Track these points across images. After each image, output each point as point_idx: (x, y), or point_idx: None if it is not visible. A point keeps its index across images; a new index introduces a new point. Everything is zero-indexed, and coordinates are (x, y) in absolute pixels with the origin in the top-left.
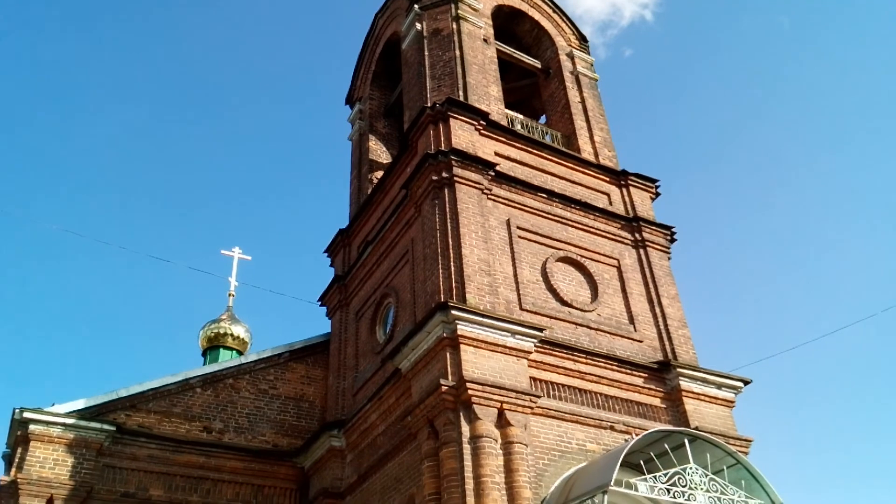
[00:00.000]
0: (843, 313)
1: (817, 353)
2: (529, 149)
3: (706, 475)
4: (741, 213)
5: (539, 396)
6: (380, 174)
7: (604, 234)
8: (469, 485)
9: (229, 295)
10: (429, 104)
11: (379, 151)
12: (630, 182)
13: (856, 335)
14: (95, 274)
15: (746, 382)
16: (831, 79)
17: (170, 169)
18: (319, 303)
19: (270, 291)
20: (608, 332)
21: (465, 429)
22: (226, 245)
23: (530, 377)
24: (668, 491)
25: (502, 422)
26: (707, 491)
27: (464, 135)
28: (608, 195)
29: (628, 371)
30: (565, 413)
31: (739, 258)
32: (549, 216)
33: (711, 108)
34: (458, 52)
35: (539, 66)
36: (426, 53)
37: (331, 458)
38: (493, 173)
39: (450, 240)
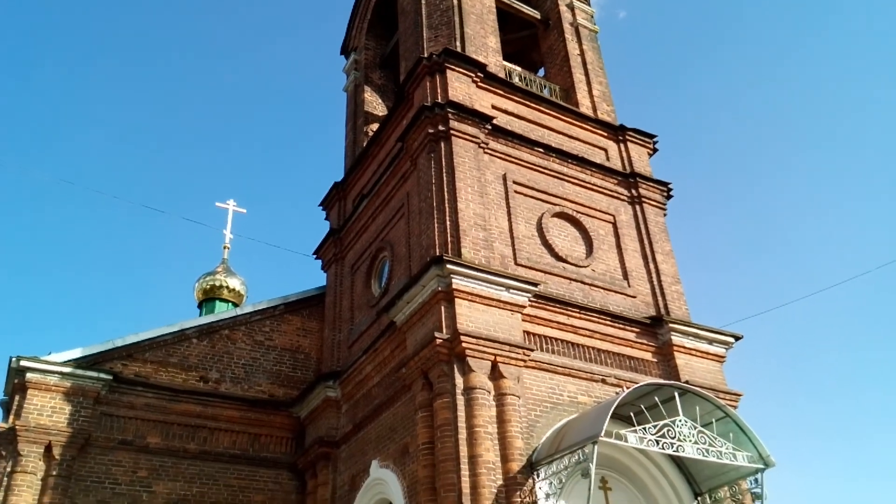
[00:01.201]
0: (836, 270)
1: (809, 310)
2: (527, 102)
3: (695, 427)
4: (736, 171)
5: (532, 350)
6: (375, 126)
7: (600, 189)
8: (462, 434)
9: (224, 248)
10: (425, 55)
11: (374, 103)
12: (628, 137)
13: (848, 292)
14: (88, 224)
15: (738, 338)
16: (836, 41)
17: (164, 120)
18: (315, 256)
19: (266, 244)
20: (602, 288)
21: (459, 381)
22: (221, 198)
23: (524, 331)
24: (657, 442)
25: (495, 374)
26: (695, 443)
27: (461, 87)
28: (605, 150)
29: (621, 326)
30: (558, 366)
31: (734, 215)
32: (546, 171)
33: (707, 72)
34: (455, 1)
35: (538, 16)
36: (423, 2)
37: (326, 408)
38: (489, 127)
39: (445, 194)
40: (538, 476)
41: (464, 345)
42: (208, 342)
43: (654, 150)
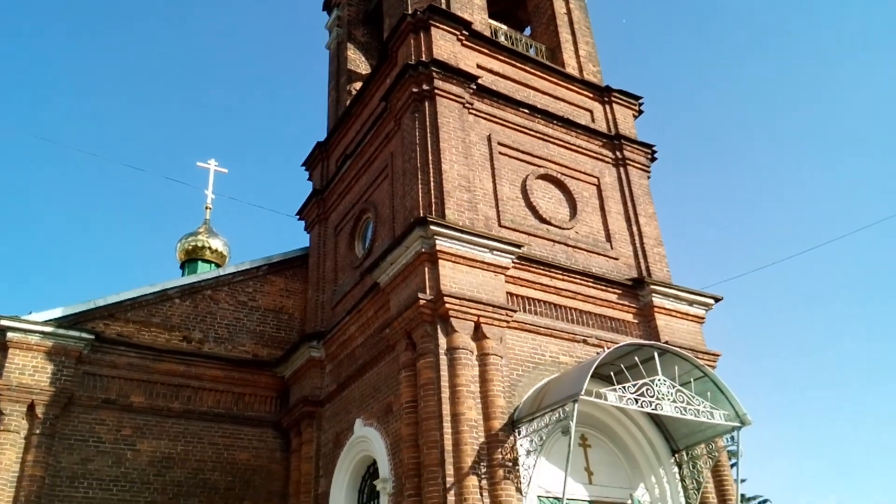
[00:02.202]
0: (814, 233)
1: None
2: (513, 62)
3: (673, 387)
4: (719, 136)
5: (515, 311)
6: (359, 85)
7: (585, 151)
8: (445, 393)
9: (206, 208)
10: (409, 11)
11: (358, 61)
12: (613, 99)
13: (826, 255)
14: (66, 182)
15: (717, 300)
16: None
17: (144, 78)
18: (298, 217)
19: (248, 204)
20: (585, 250)
21: (442, 341)
22: (202, 157)
23: (507, 292)
24: (637, 401)
25: (478, 335)
26: (674, 401)
27: (445, 45)
28: (591, 112)
29: (603, 287)
30: (540, 327)
31: (717, 179)
32: (531, 132)
33: (695, 35)
34: None
35: None
36: None
37: (310, 367)
38: (474, 86)
39: (430, 155)
40: (519, 433)
41: (447, 306)
42: (191, 302)
43: (640, 112)
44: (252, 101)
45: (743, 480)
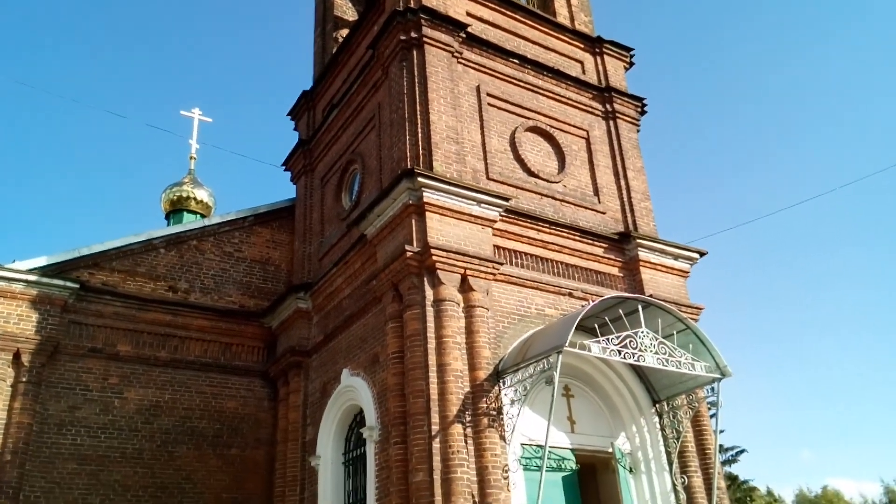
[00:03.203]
0: (799, 189)
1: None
2: (503, 10)
3: (656, 339)
4: (709, 91)
5: (502, 264)
6: (345, 32)
7: (575, 104)
8: (431, 344)
9: (191, 158)
10: None
11: (345, 7)
12: (605, 50)
13: (811, 211)
14: (47, 129)
15: (702, 254)
16: None
17: (127, 22)
18: (284, 167)
19: (232, 153)
20: (573, 204)
21: (429, 293)
22: (186, 105)
23: (494, 245)
24: (620, 352)
25: (465, 287)
26: (656, 353)
27: None
28: (581, 63)
29: (590, 241)
30: (526, 280)
31: (706, 134)
32: (521, 84)
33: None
34: None
35: None
36: None
37: (297, 318)
38: (464, 35)
39: (417, 105)
40: (504, 384)
41: (434, 258)
42: (176, 252)
43: (631, 65)
44: (236, 47)
45: (721, 431)
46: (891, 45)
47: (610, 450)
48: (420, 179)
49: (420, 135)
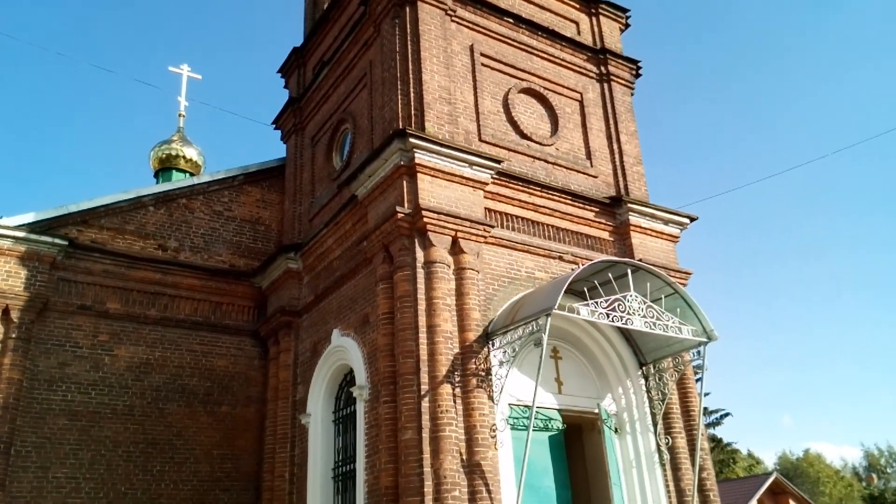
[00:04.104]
0: (791, 155)
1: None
2: None
3: (644, 302)
4: (702, 54)
5: (493, 226)
6: None
7: (569, 65)
8: (421, 306)
9: (179, 115)
10: None
11: None
12: (600, 10)
13: (803, 176)
14: (32, 83)
15: (693, 219)
16: None
17: None
18: (274, 126)
19: (222, 111)
20: (565, 167)
21: (420, 254)
22: (174, 61)
23: (485, 208)
24: (608, 315)
25: (455, 249)
26: (644, 316)
27: None
28: (577, 24)
29: (581, 205)
30: (517, 243)
31: (698, 99)
32: (515, 44)
33: None
34: None
35: None
36: None
37: (288, 278)
38: None
39: (410, 64)
40: (493, 345)
41: (425, 220)
42: (165, 211)
43: (627, 26)
44: (226, 1)
45: (707, 394)
46: (887, 14)
47: (596, 411)
48: (412, 140)
49: (412, 94)
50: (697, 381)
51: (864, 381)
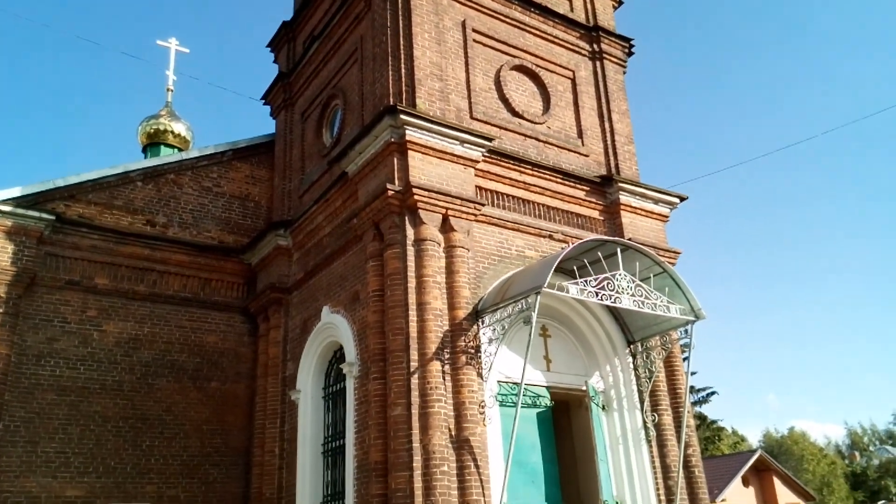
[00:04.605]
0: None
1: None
2: None
3: (633, 281)
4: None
5: (483, 205)
6: None
7: (561, 42)
8: (411, 283)
9: (167, 90)
10: None
11: None
12: None
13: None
14: (15, 55)
15: (682, 199)
16: None
17: None
18: (263, 101)
19: (211, 85)
20: (556, 145)
21: (410, 232)
22: (162, 35)
23: (476, 186)
24: (597, 294)
25: (446, 227)
26: (632, 295)
27: None
28: (569, 0)
29: (572, 184)
30: (507, 221)
31: (691, 79)
32: (507, 20)
33: None
34: None
35: None
36: None
37: (277, 255)
38: None
39: (401, 39)
40: (483, 323)
41: (416, 197)
42: (154, 186)
43: (620, 3)
44: None
45: (693, 373)
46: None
47: (584, 388)
48: (402, 117)
49: (403, 70)
50: (685, 359)
51: (848, 362)
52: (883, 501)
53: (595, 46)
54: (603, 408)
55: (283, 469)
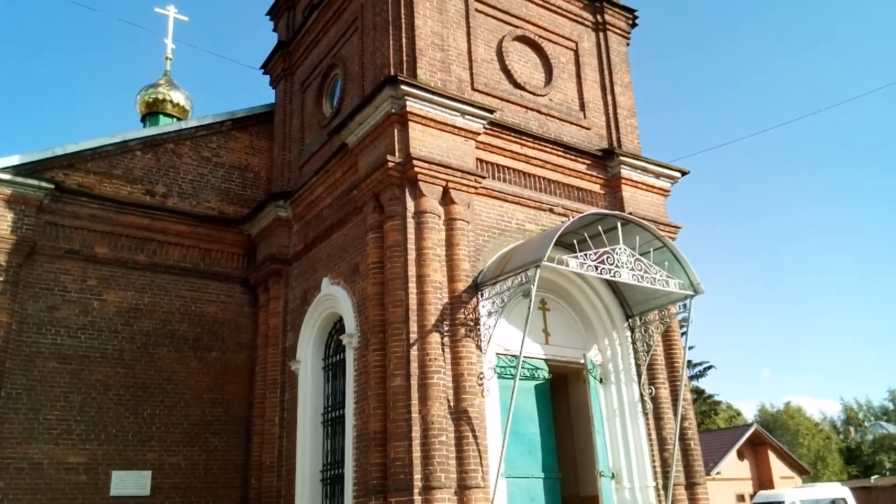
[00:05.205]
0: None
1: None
2: None
3: (633, 255)
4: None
5: (484, 177)
6: None
7: (565, 13)
8: (411, 255)
9: (166, 58)
10: None
11: None
12: None
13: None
14: (12, 22)
15: (684, 173)
16: None
17: None
18: (262, 70)
19: (210, 54)
20: (558, 118)
21: (410, 204)
22: (160, 2)
23: (477, 158)
24: (597, 268)
25: (446, 199)
26: (632, 269)
27: None
28: None
29: (573, 157)
30: (508, 194)
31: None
32: None
33: None
34: None
35: None
36: None
37: (277, 226)
38: None
39: (402, 8)
40: (482, 296)
41: (416, 169)
42: (153, 155)
43: None
44: None
45: (691, 347)
46: None
47: (582, 361)
48: (403, 87)
49: (404, 40)
50: (683, 334)
51: (845, 339)
52: (876, 476)
53: (598, 17)
54: (600, 381)
55: (283, 438)
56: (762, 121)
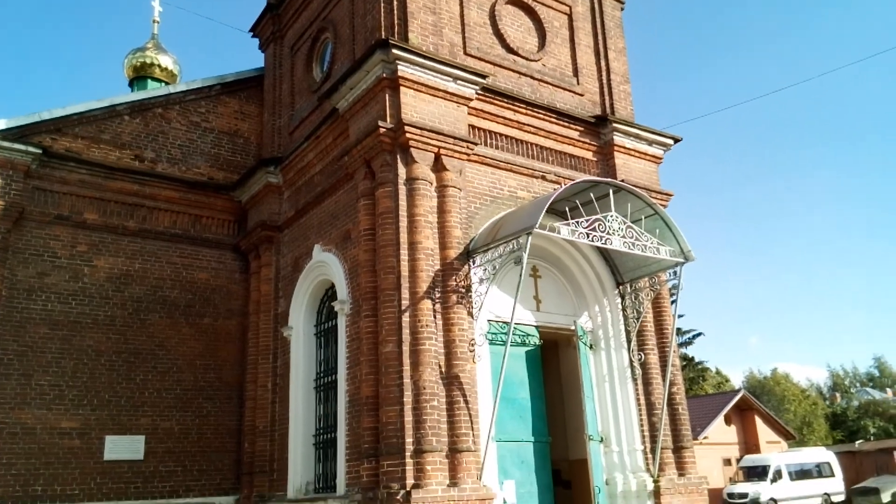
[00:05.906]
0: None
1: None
2: None
3: (624, 223)
4: None
5: (476, 144)
6: None
7: None
8: (403, 222)
9: (154, 21)
10: None
11: None
12: None
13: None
14: None
15: (677, 140)
16: None
17: None
18: (251, 33)
19: (197, 15)
20: (551, 84)
21: (402, 171)
22: None
23: (469, 124)
24: (588, 235)
25: (438, 166)
26: (623, 237)
27: None
28: None
29: (566, 124)
30: (500, 161)
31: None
32: None
33: None
34: None
35: None
36: None
37: (268, 193)
38: None
39: None
40: (474, 263)
41: (408, 135)
42: (141, 120)
43: None
44: None
45: (681, 315)
46: None
47: (572, 327)
48: (395, 51)
49: (395, 3)
50: (672, 301)
51: (832, 306)
52: (860, 441)
53: None
54: (590, 347)
55: (275, 403)
56: (754, 89)
